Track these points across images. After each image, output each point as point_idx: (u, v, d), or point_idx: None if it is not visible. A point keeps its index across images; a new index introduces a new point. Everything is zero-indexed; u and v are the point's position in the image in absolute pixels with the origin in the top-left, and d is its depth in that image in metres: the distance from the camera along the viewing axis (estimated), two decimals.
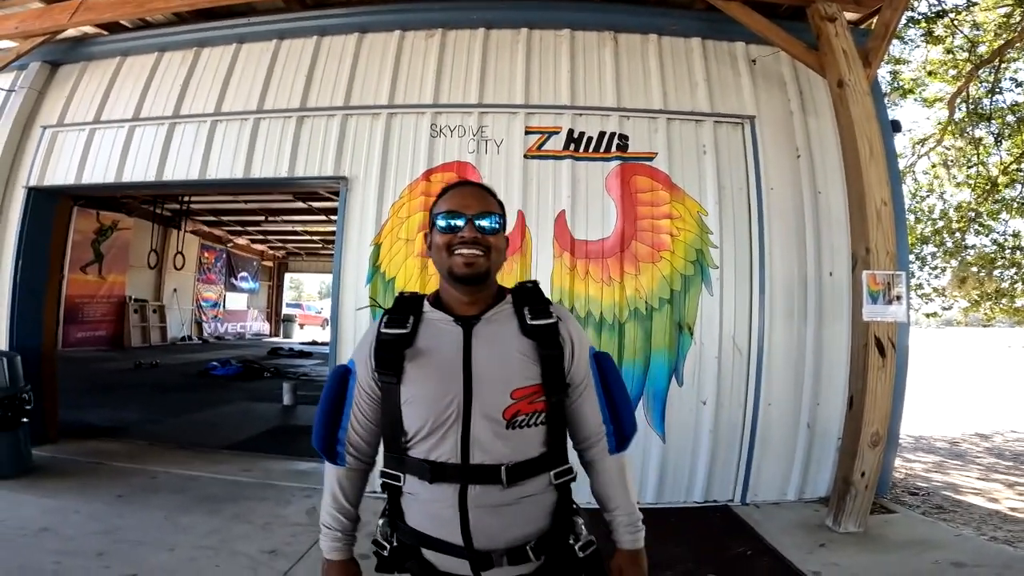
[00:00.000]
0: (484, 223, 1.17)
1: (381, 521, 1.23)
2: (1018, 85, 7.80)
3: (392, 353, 1.16)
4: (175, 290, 15.92)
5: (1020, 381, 14.44)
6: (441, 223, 1.18)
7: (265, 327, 22.12)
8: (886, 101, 6.56)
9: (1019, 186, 8.30)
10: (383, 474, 1.21)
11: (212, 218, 15.43)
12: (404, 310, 1.22)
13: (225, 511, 3.48)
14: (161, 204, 13.33)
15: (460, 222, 1.16)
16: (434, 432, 1.13)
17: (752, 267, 3.99)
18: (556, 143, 4.11)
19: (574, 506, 1.22)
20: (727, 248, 4.00)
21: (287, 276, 25.13)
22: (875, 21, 3.95)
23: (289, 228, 16.19)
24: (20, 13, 4.78)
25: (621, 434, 1.25)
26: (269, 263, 22.46)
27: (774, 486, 3.89)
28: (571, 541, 1.17)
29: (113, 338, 13.66)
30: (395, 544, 1.20)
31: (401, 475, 1.18)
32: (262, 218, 14.70)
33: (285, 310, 24.04)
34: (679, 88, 4.23)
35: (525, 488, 1.14)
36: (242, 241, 19.19)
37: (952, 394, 11.31)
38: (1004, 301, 9.02)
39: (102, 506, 3.46)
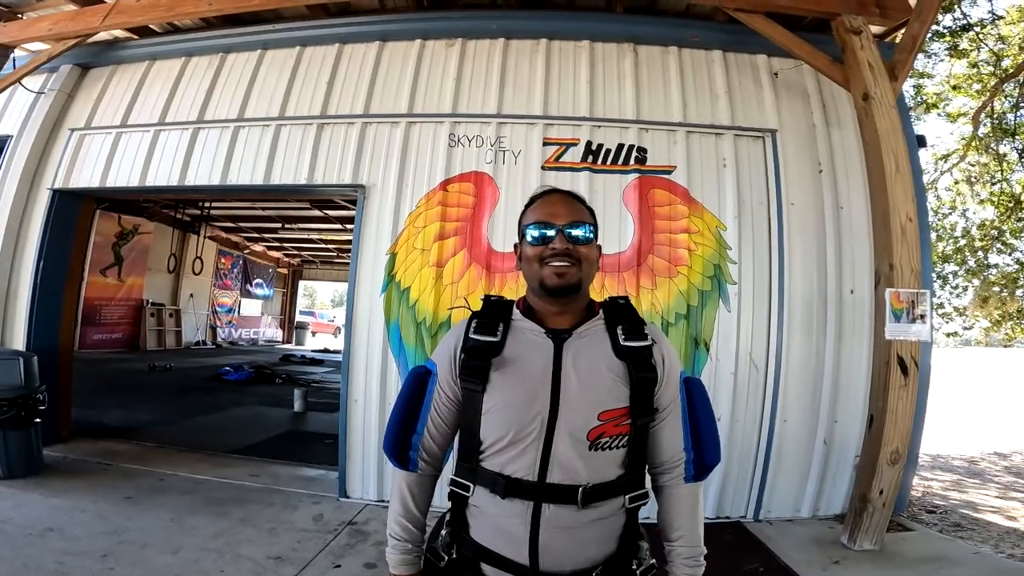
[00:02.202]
0: (576, 232, 1.14)
1: (444, 532, 1.18)
2: None
3: (480, 360, 1.13)
4: (191, 295, 16.07)
5: None
6: (531, 234, 1.15)
7: (278, 334, 22.24)
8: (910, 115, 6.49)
9: None
10: (452, 482, 1.17)
11: (230, 224, 15.62)
12: (493, 315, 1.19)
13: (232, 515, 3.48)
14: (181, 209, 13.51)
15: (551, 232, 1.13)
16: (513, 445, 1.10)
17: (771, 283, 3.93)
18: (574, 155, 4.10)
19: (640, 529, 1.18)
20: (746, 263, 3.95)
21: (301, 284, 25.28)
22: (901, 34, 3.90)
23: (305, 236, 16.34)
24: (53, 15, 4.90)
25: (701, 463, 1.19)
26: (284, 270, 22.65)
27: (788, 503, 3.82)
28: (634, 566, 1.13)
29: (129, 341, 13.80)
30: (454, 556, 1.16)
31: (471, 486, 1.14)
32: (279, 225, 14.86)
33: (298, 317, 24.19)
34: (699, 101, 4.21)
35: (599, 511, 1.10)
36: (259, 248, 19.38)
37: (970, 413, 11.11)
38: None
39: (109, 507, 3.47)
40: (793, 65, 4.17)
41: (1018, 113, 7.67)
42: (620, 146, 4.10)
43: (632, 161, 4.08)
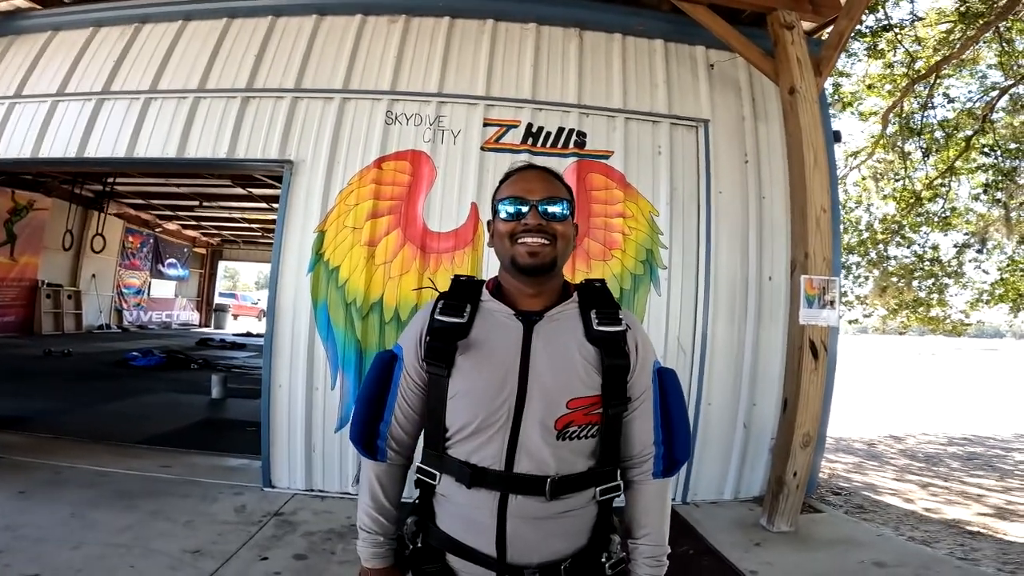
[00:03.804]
0: (552, 209, 1.10)
1: (410, 520, 1.15)
2: (950, 100, 8.35)
3: (445, 343, 1.08)
4: (93, 275, 14.88)
5: (930, 386, 15.60)
6: (504, 210, 1.11)
7: (195, 317, 21.07)
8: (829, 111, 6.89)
9: (941, 200, 8.90)
10: (418, 470, 1.13)
11: (140, 201, 14.52)
12: (461, 296, 1.14)
13: (141, 508, 3.25)
14: (81, 184, 12.41)
15: (524, 208, 1.09)
16: (479, 432, 1.06)
17: (699, 268, 4.07)
18: (514, 136, 4.07)
19: (613, 522, 1.15)
20: (676, 249, 4.07)
21: (222, 264, 23.97)
22: (829, 31, 4.10)
23: (225, 215, 15.41)
24: None
25: (671, 458, 1.15)
26: (202, 250, 21.36)
27: (712, 486, 3.99)
28: (603, 559, 1.10)
29: (23, 324, 12.66)
30: (419, 545, 1.12)
31: (437, 474, 1.10)
32: (196, 203, 13.93)
33: (218, 299, 22.98)
34: (639, 88, 4.26)
35: (568, 502, 1.07)
36: (172, 226, 18.13)
37: (868, 398, 12.02)
38: (920, 310, 9.65)
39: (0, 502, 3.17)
40: (729, 58, 4.29)
41: (925, 113, 8.33)
42: (560, 130, 4.11)
43: (572, 145, 4.09)
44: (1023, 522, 4.18)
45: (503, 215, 1.11)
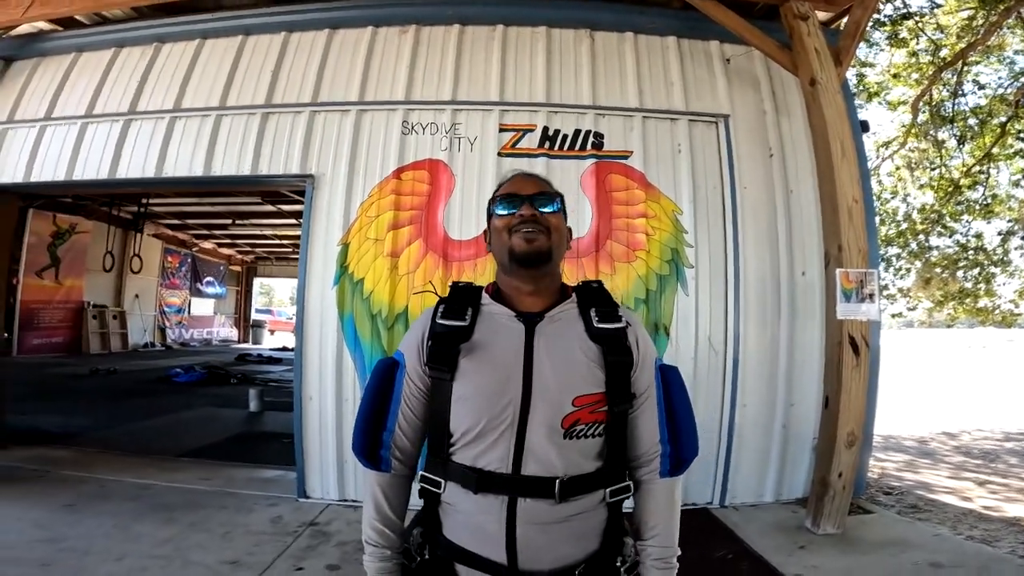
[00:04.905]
0: (543, 203, 1.14)
1: (416, 531, 1.13)
2: (980, 88, 8.03)
3: (447, 346, 1.08)
4: (136, 295, 15.38)
5: (982, 380, 14.91)
6: (499, 210, 1.16)
7: (233, 333, 21.58)
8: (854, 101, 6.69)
9: (980, 188, 8.54)
10: (422, 479, 1.13)
11: (176, 221, 14.98)
12: (461, 300, 1.15)
13: (181, 520, 3.31)
14: (119, 206, 12.88)
15: (518, 203, 1.13)
16: (485, 436, 1.05)
17: (727, 266, 3.98)
18: (531, 141, 4.05)
19: (625, 524, 1.13)
20: (702, 247, 3.98)
21: (257, 281, 24.54)
22: (845, 20, 3.99)
23: (258, 232, 15.82)
24: None
25: (678, 456, 1.13)
26: (237, 267, 21.94)
27: (751, 488, 3.87)
28: (618, 563, 1.08)
29: (71, 344, 13.10)
30: (426, 557, 1.10)
31: (442, 481, 1.09)
32: (229, 221, 14.32)
33: (254, 315, 23.50)
34: (655, 86, 4.20)
35: (578, 504, 1.05)
36: (208, 245, 18.69)
37: (917, 393, 11.56)
38: (968, 301, 9.26)
39: (46, 514, 3.28)
40: (744, 51, 4.21)
41: (956, 101, 8.01)
42: (577, 132, 4.07)
43: (589, 146, 4.05)
44: None
45: (499, 213, 1.15)
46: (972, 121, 8.09)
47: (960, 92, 7.93)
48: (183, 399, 7.80)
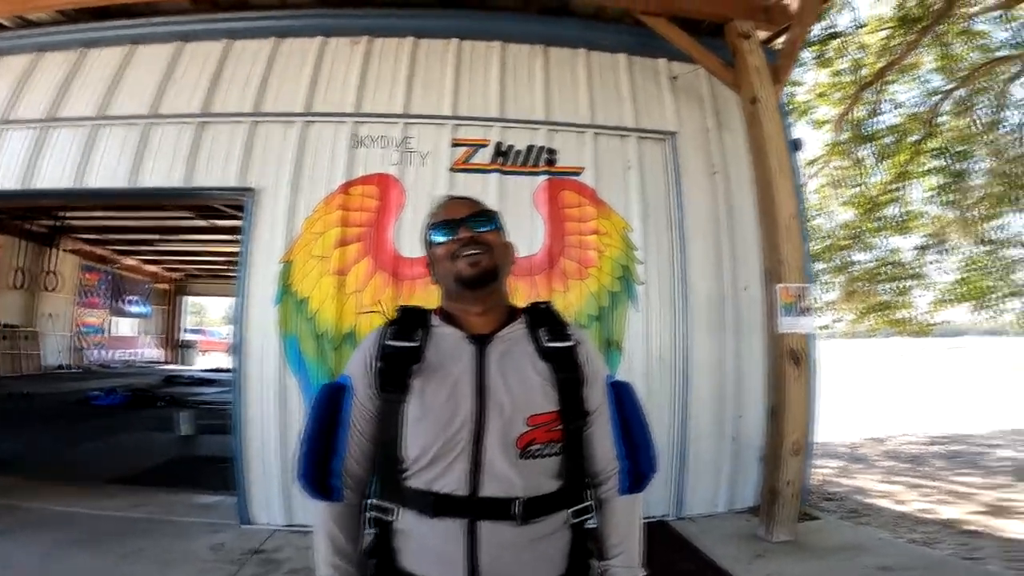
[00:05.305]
0: (478, 223, 1.13)
1: (371, 562, 1.07)
2: (897, 106, 8.59)
3: (398, 367, 1.06)
4: (50, 314, 14.26)
5: (903, 386, 15.93)
6: (436, 237, 1.15)
7: (159, 354, 20.35)
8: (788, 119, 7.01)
9: (896, 204, 9.14)
10: (373, 507, 1.08)
11: (96, 236, 14.00)
12: (410, 322, 1.13)
13: (114, 549, 3.09)
14: (32, 219, 11.93)
15: (454, 227, 1.12)
16: (440, 458, 1.01)
17: (675, 283, 4.05)
18: (484, 156, 4.01)
19: (590, 546, 1.11)
20: (651, 264, 4.04)
21: (187, 300, 23.29)
22: (783, 39, 4.17)
23: (188, 248, 14.96)
24: None
25: (637, 472, 1.12)
26: (164, 285, 20.73)
27: (706, 499, 3.93)
28: None
29: None
30: None
31: (395, 508, 1.04)
32: (155, 237, 13.50)
33: (184, 336, 22.28)
34: (606, 102, 4.26)
35: (541, 527, 1.02)
36: (131, 262, 17.54)
37: (845, 401, 12.19)
38: (886, 313, 9.85)
39: None
40: (691, 69, 4.32)
41: (874, 119, 8.55)
42: (530, 147, 4.07)
43: (542, 162, 4.05)
44: (1019, 519, 4.20)
45: (437, 241, 1.14)
46: (889, 139, 8.63)
47: (879, 111, 8.48)
48: (108, 423, 7.34)
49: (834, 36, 7.52)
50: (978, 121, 8.01)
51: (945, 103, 8.11)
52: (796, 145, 4.62)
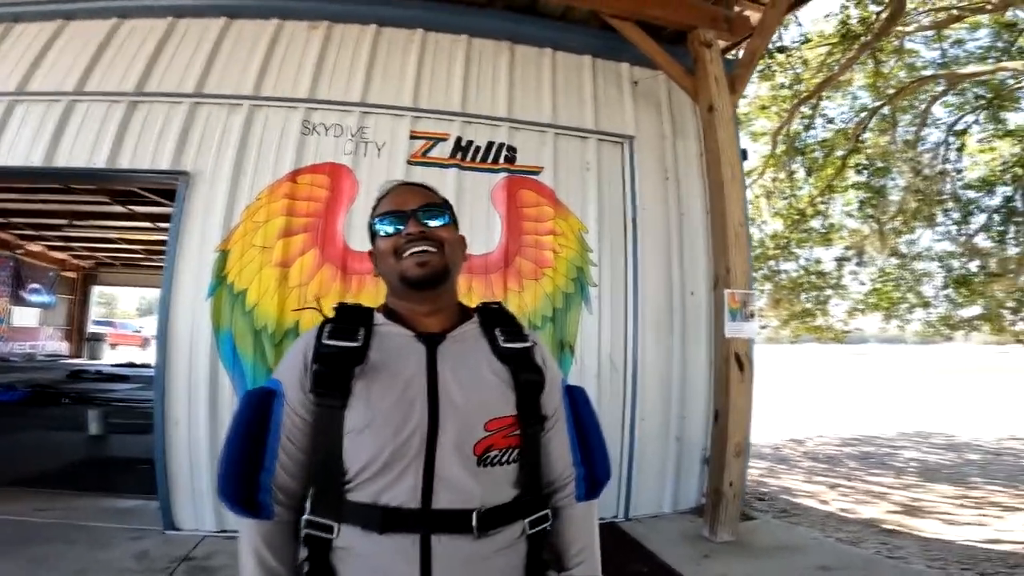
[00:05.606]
0: (430, 215, 1.03)
1: None
2: (829, 121, 9.10)
3: (338, 369, 0.93)
4: None
5: (814, 390, 16.96)
6: (382, 228, 1.03)
7: (63, 347, 18.72)
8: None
9: (821, 217, 9.72)
10: (308, 523, 0.94)
11: None
12: (351, 320, 1.00)
13: (19, 555, 2.84)
14: None
15: (402, 220, 1.02)
16: (389, 468, 0.90)
17: (627, 286, 4.09)
18: (443, 150, 3.89)
19: (545, 557, 1.03)
20: (605, 266, 4.06)
21: (96, 289, 21.53)
22: (742, 49, 4.28)
23: (101, 235, 13.78)
24: None
25: (593, 479, 1.08)
26: (72, 274, 19.06)
27: (652, 500, 3.98)
28: None
29: None
30: None
31: (335, 525, 0.92)
32: (65, 222, 12.34)
33: (92, 328, 20.61)
34: (568, 103, 4.23)
35: (498, 540, 0.94)
36: (36, 248, 16.00)
37: (767, 403, 12.83)
38: (807, 320, 10.48)
39: None
40: (651, 75, 4.37)
41: (808, 133, 9.05)
42: (490, 144, 3.99)
43: (502, 160, 3.98)
44: (932, 518, 4.49)
45: (382, 233, 1.04)
46: (818, 154, 9.14)
47: (812, 125, 8.97)
48: (6, 420, 6.71)
49: (781, 50, 7.81)
50: (899, 139, 8.59)
51: (872, 120, 8.66)
52: (743, 155, 4.79)
